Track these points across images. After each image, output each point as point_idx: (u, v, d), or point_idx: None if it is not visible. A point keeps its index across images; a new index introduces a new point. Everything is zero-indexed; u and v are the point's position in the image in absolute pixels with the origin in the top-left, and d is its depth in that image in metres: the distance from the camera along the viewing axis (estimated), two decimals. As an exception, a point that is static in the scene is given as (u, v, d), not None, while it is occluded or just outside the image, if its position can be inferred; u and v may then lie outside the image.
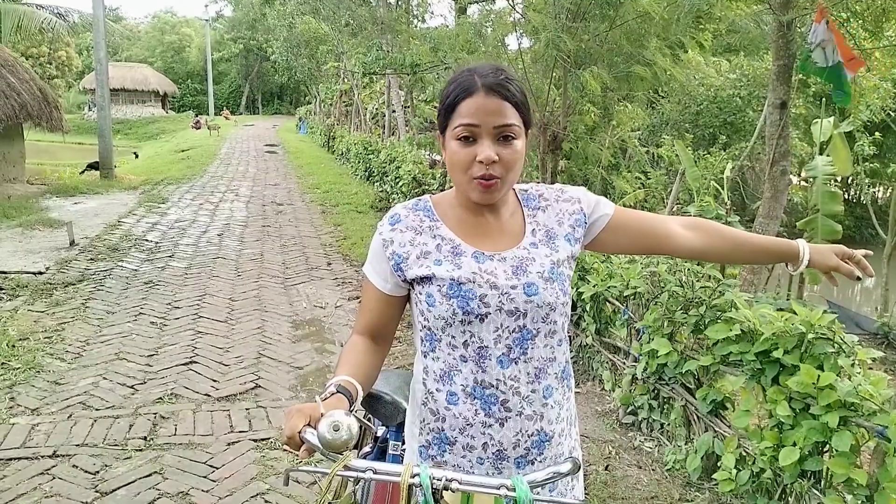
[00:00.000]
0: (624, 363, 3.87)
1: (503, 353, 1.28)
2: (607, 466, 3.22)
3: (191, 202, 11.09)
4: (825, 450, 2.45)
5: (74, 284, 5.94)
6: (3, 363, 4.15)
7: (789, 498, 2.59)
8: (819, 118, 7.04)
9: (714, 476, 2.92)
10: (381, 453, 1.83)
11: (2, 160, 11.67)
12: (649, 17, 5.47)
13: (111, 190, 12.07)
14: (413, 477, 1.10)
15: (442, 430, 1.33)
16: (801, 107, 10.32)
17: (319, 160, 18.55)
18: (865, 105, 8.92)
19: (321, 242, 8.22)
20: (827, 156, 6.63)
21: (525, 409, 1.29)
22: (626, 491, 3.02)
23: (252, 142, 25.01)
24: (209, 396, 3.86)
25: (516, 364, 1.28)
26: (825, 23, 4.61)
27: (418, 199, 1.40)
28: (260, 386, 4.03)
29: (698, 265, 3.42)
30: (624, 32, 5.67)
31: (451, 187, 1.37)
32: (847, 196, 14.45)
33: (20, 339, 4.55)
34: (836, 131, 6.84)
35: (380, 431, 1.88)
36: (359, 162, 14.40)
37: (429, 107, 14.58)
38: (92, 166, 14.15)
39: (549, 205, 1.39)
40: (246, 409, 3.71)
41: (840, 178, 11.03)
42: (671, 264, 3.56)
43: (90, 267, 6.59)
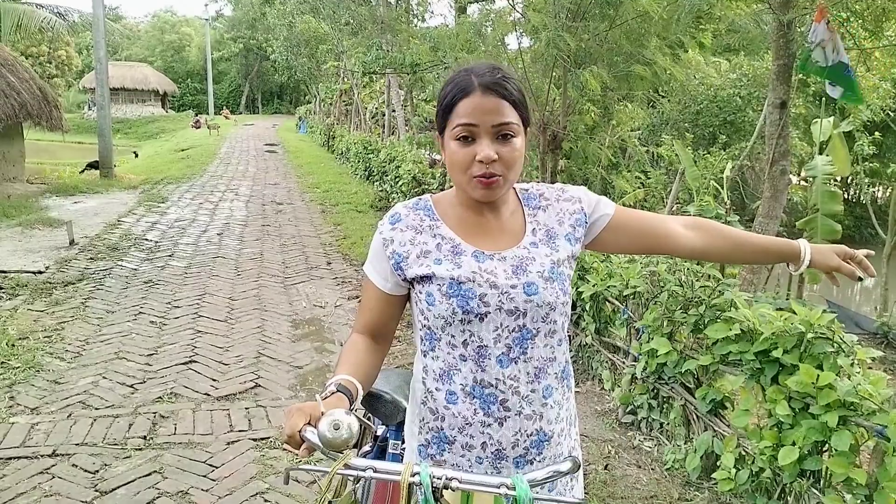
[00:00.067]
0: (623, 363, 3.87)
1: (503, 353, 1.28)
2: (607, 466, 3.23)
3: (190, 201, 11.08)
4: (824, 449, 2.45)
5: (74, 284, 5.94)
6: (3, 362, 4.15)
7: (788, 497, 2.60)
8: (819, 118, 7.05)
9: (713, 475, 2.92)
10: (381, 452, 1.84)
11: (1, 159, 11.67)
12: (649, 17, 5.47)
13: (111, 189, 12.07)
14: (413, 476, 1.10)
15: (441, 430, 1.33)
16: (801, 106, 10.32)
17: (319, 159, 18.55)
18: (865, 105, 8.91)
19: (321, 242, 8.22)
20: (826, 155, 6.65)
21: (524, 409, 1.29)
22: (626, 490, 3.02)
23: (252, 141, 25.01)
24: (209, 396, 3.86)
25: (516, 364, 1.28)
26: (825, 22, 4.62)
27: (419, 199, 1.40)
28: (259, 385, 4.03)
29: (698, 265, 3.42)
30: (624, 32, 5.67)
31: (451, 187, 1.37)
32: (847, 196, 14.45)
33: (20, 339, 4.55)
34: (836, 131, 6.86)
35: (380, 430, 1.88)
36: (358, 161, 14.40)
37: (429, 105, 14.58)
38: (92, 165, 14.15)
39: (550, 204, 1.39)
40: (245, 409, 3.72)
41: (840, 178, 11.04)
42: (671, 264, 3.56)
43: (90, 266, 6.59)
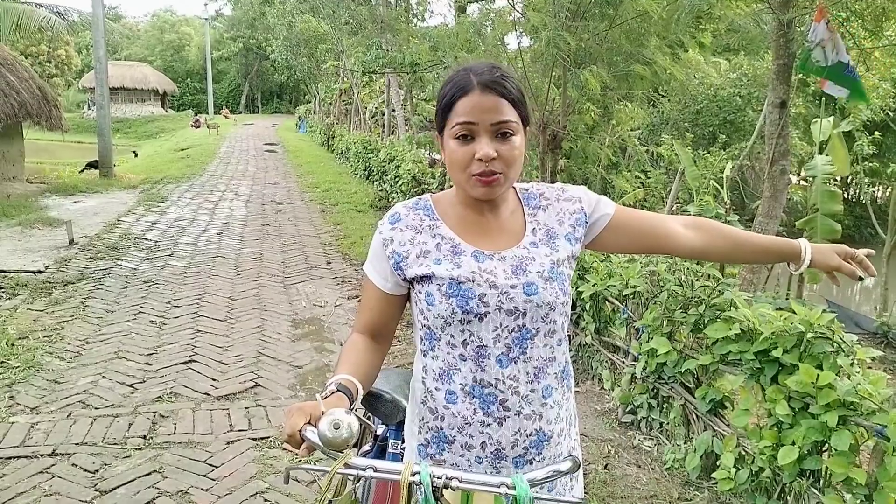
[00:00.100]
0: (623, 362, 3.87)
1: (502, 353, 1.28)
2: (606, 465, 3.23)
3: (190, 201, 11.08)
4: (824, 449, 2.45)
5: (74, 283, 5.94)
6: (3, 362, 4.15)
7: (788, 497, 2.60)
8: (818, 118, 7.05)
9: (713, 475, 2.92)
10: (381, 452, 1.84)
11: (1, 159, 11.67)
12: (649, 17, 5.47)
13: (110, 189, 12.06)
14: (413, 475, 1.10)
15: (441, 429, 1.33)
16: (801, 106, 10.33)
17: (319, 159, 18.54)
18: (866, 104, 8.92)
19: (321, 241, 8.22)
20: (826, 155, 6.65)
21: (524, 409, 1.29)
22: (626, 490, 3.03)
23: (251, 140, 24.99)
24: (208, 395, 3.86)
25: (515, 363, 1.28)
26: (825, 22, 4.62)
27: (419, 198, 1.40)
28: (259, 385, 4.03)
29: (698, 264, 3.42)
30: (623, 31, 5.67)
31: (451, 186, 1.37)
32: (846, 195, 14.45)
33: (19, 338, 4.55)
34: (836, 131, 6.87)
35: (380, 430, 1.88)
36: (358, 161, 14.40)
37: (429, 105, 14.58)
38: (91, 165, 14.15)
39: (550, 204, 1.39)
40: (245, 408, 3.72)
41: (839, 178, 11.03)
42: (670, 263, 3.56)
43: (89, 266, 6.59)
